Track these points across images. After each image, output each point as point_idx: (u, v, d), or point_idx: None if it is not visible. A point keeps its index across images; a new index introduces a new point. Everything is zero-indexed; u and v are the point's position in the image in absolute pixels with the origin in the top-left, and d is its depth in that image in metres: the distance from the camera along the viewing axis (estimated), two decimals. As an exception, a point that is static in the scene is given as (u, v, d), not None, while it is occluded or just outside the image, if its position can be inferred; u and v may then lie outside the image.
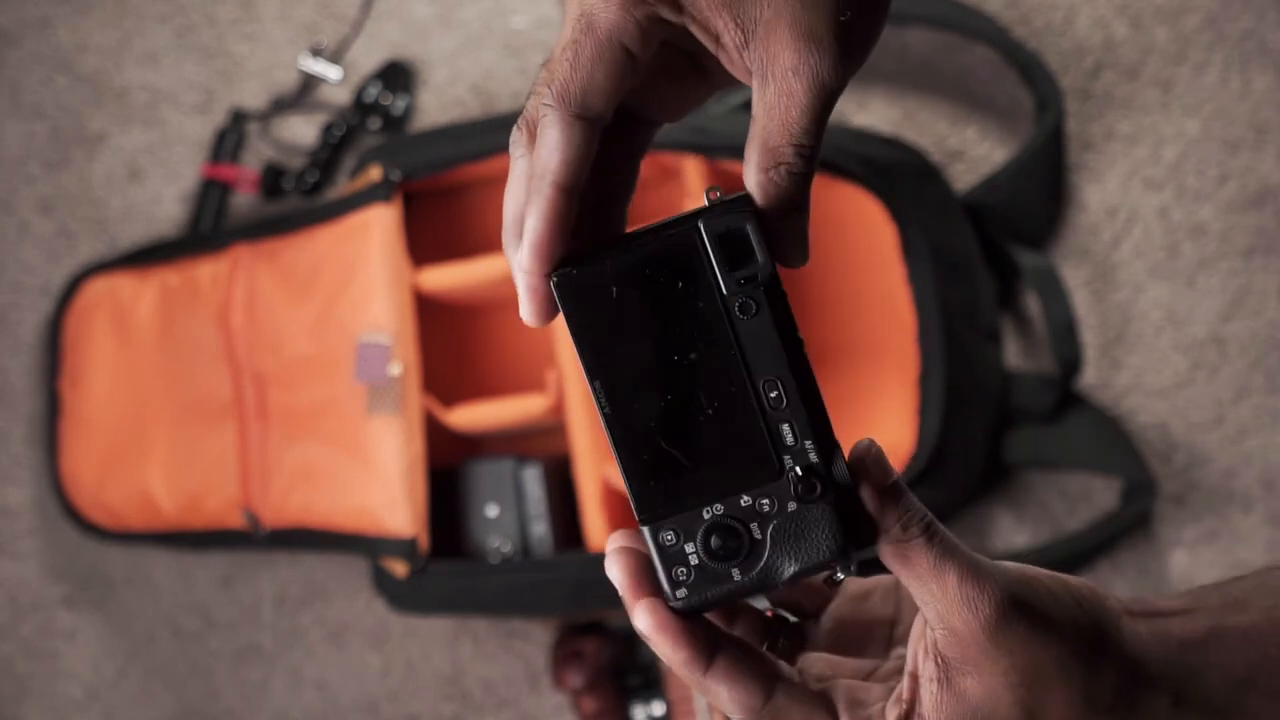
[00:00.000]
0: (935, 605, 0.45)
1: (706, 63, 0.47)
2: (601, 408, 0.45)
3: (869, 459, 0.46)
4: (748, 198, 0.45)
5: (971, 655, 0.45)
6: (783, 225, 0.45)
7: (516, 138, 0.46)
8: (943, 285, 1.13)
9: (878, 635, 0.51)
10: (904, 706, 0.46)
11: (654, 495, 0.45)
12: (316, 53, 1.41)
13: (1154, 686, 0.46)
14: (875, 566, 0.48)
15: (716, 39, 0.44)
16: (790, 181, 0.44)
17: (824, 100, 0.43)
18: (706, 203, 0.45)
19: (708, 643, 0.46)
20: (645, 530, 0.45)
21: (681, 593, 0.45)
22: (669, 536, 0.45)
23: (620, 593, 0.46)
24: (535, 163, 0.44)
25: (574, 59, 0.43)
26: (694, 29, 0.44)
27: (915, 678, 0.46)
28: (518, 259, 0.45)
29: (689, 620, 0.45)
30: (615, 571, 0.46)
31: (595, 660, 1.20)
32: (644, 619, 0.45)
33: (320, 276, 1.24)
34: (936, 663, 0.46)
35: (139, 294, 1.34)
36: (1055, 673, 0.45)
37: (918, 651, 0.47)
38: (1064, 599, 0.45)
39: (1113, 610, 0.46)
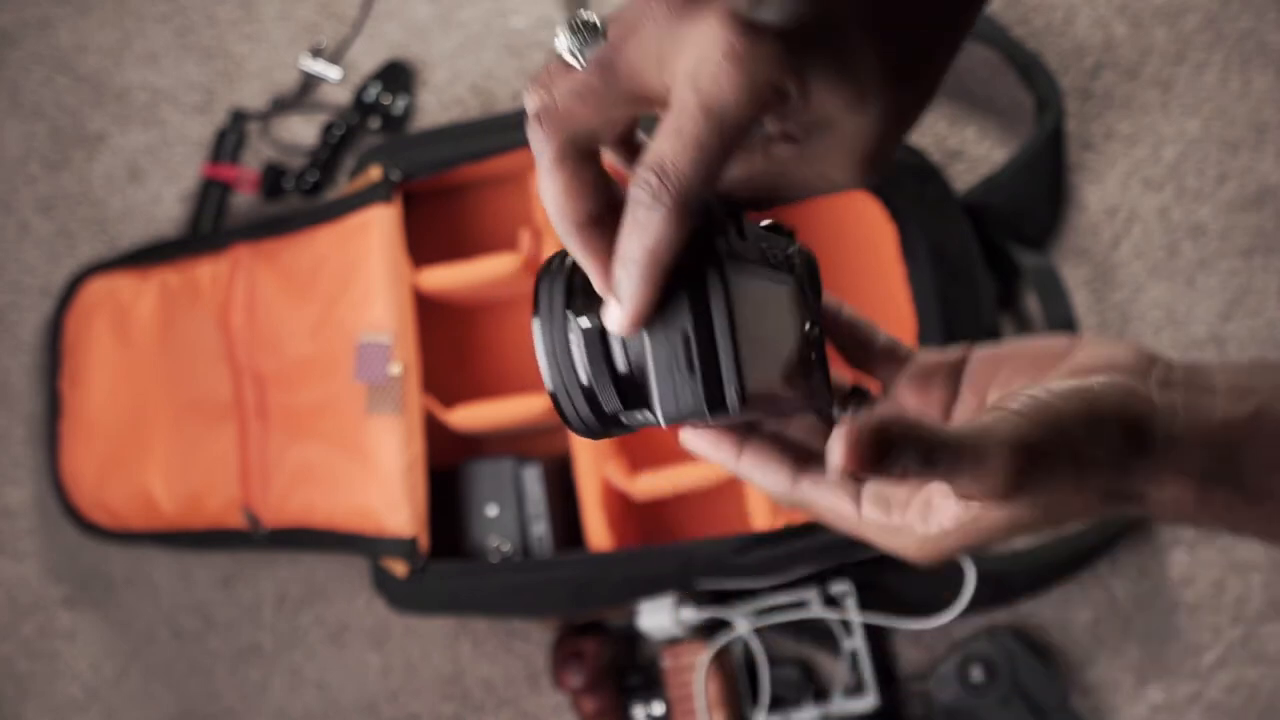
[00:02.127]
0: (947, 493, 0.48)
1: None
2: None
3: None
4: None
5: (991, 511, 0.47)
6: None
7: (538, 139, 0.45)
8: (943, 285, 1.13)
9: (931, 415, 0.53)
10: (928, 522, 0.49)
11: None
12: (316, 53, 1.41)
13: (1180, 470, 0.47)
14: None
15: (789, 137, 0.46)
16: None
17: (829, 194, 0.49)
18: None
19: (738, 438, 0.53)
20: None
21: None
22: None
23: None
24: (637, 244, 0.43)
25: (701, 162, 0.42)
26: (785, 124, 0.46)
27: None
28: (612, 326, 0.45)
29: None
30: None
31: (595, 660, 1.20)
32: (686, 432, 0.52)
33: (320, 276, 1.24)
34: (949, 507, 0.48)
35: (139, 294, 1.34)
36: (1077, 492, 0.46)
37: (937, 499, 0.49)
38: (1080, 424, 0.45)
39: (1140, 400, 0.47)
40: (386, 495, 1.18)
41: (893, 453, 0.43)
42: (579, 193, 0.44)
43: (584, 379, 0.47)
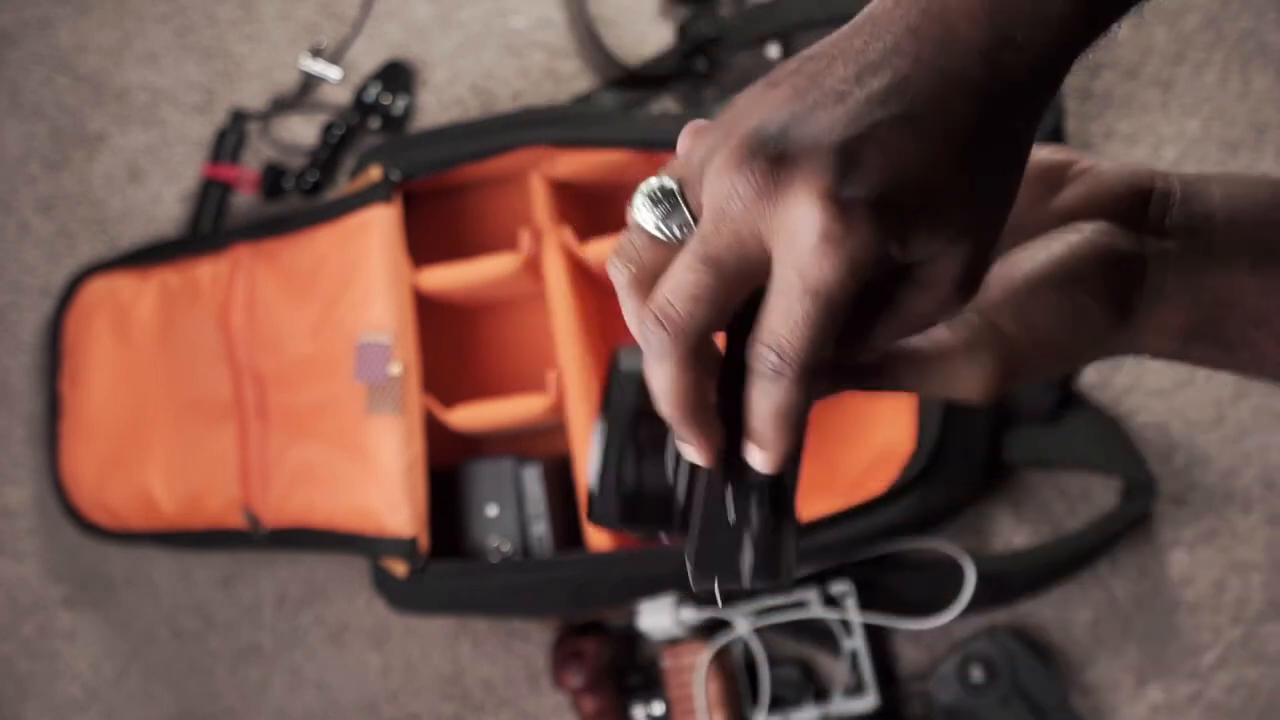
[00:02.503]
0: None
1: None
2: None
3: None
4: None
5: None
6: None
7: (662, 341, 0.44)
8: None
9: None
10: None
11: None
12: (316, 53, 1.41)
13: (1162, 329, 0.47)
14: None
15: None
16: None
17: None
18: None
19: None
20: None
21: None
22: None
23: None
24: (767, 404, 0.44)
25: (814, 336, 0.42)
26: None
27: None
28: (756, 463, 0.46)
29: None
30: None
31: (595, 660, 1.20)
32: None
33: (320, 277, 1.24)
34: None
35: (139, 294, 1.34)
36: (1060, 367, 0.48)
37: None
38: (1055, 316, 0.46)
39: (1127, 262, 0.46)
40: (386, 495, 1.18)
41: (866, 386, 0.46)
42: (699, 383, 0.44)
43: (621, 516, 0.49)
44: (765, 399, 0.43)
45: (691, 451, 0.45)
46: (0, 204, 1.47)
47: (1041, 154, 0.51)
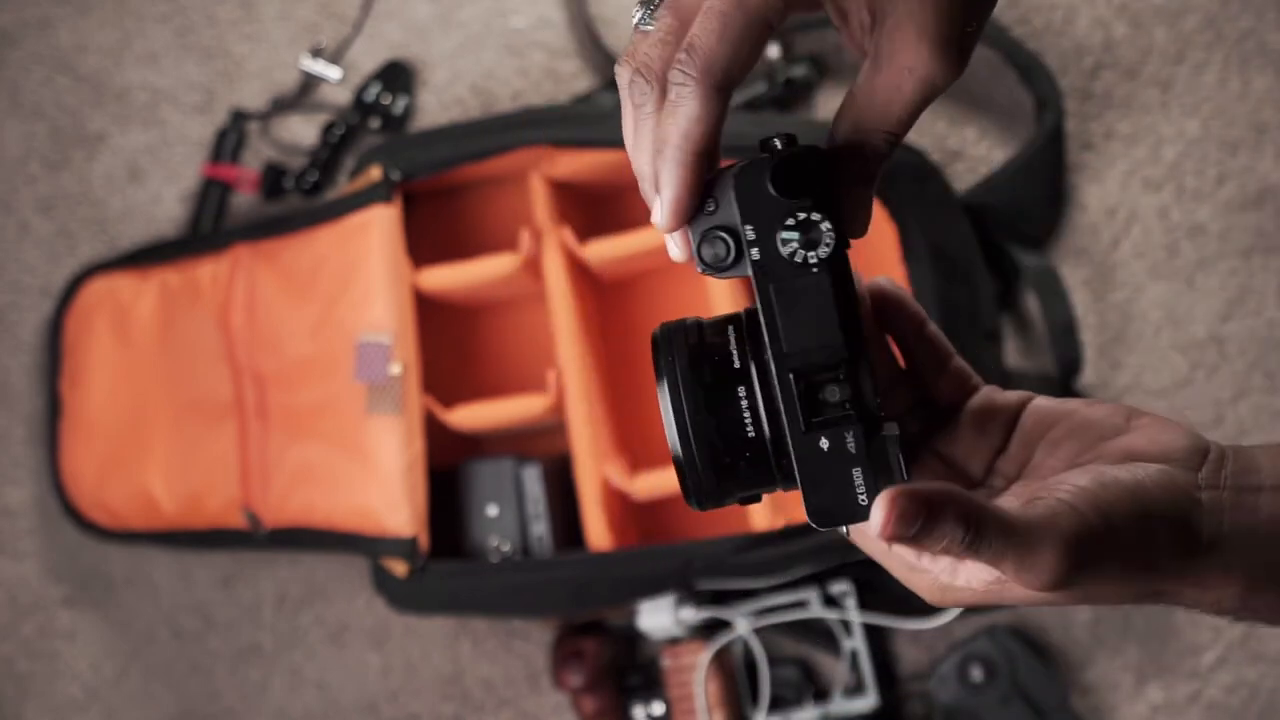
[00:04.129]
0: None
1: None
2: None
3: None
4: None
5: (1023, 591, 0.47)
6: (850, 194, 0.48)
7: (643, 89, 0.47)
8: (943, 285, 1.13)
9: (980, 456, 0.53)
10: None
11: None
12: (316, 53, 1.41)
13: (1225, 572, 0.46)
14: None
15: (845, 17, 0.47)
16: (870, 159, 0.47)
17: (927, 101, 0.46)
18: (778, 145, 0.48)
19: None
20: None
21: None
22: None
23: None
24: (671, 128, 0.46)
25: (721, 33, 0.44)
26: (829, 6, 0.47)
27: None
28: (656, 221, 0.48)
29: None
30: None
31: (595, 660, 1.20)
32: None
33: (320, 277, 1.24)
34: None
35: (139, 294, 1.34)
36: (1118, 587, 0.46)
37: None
38: (1131, 524, 0.45)
39: (1190, 500, 0.46)
40: (386, 495, 1.18)
41: (937, 529, 0.43)
42: (705, 122, 0.46)
43: (719, 482, 0.50)
44: (670, 118, 0.45)
45: (656, 208, 0.47)
46: (0, 204, 1.47)
47: (1106, 410, 0.52)
